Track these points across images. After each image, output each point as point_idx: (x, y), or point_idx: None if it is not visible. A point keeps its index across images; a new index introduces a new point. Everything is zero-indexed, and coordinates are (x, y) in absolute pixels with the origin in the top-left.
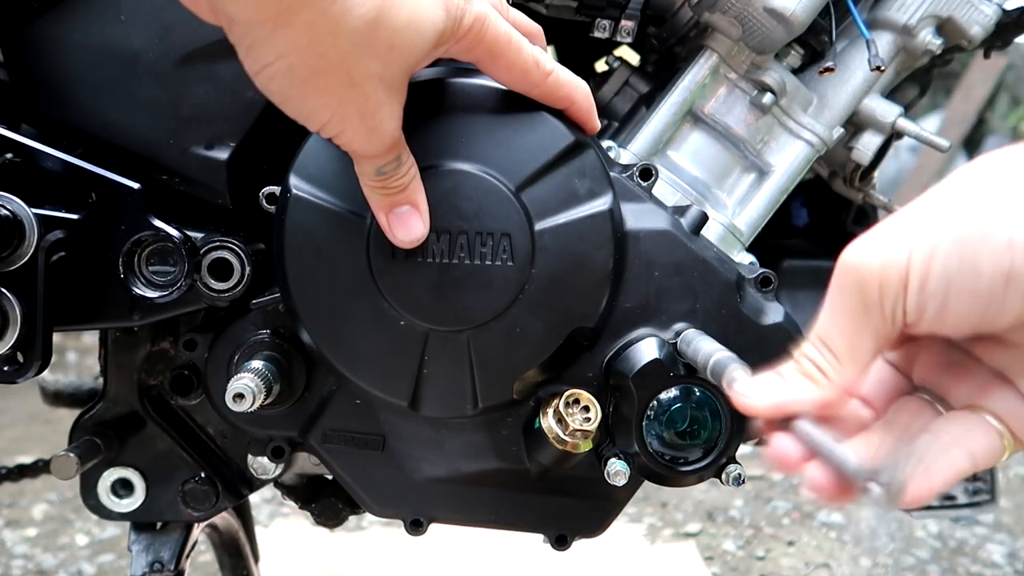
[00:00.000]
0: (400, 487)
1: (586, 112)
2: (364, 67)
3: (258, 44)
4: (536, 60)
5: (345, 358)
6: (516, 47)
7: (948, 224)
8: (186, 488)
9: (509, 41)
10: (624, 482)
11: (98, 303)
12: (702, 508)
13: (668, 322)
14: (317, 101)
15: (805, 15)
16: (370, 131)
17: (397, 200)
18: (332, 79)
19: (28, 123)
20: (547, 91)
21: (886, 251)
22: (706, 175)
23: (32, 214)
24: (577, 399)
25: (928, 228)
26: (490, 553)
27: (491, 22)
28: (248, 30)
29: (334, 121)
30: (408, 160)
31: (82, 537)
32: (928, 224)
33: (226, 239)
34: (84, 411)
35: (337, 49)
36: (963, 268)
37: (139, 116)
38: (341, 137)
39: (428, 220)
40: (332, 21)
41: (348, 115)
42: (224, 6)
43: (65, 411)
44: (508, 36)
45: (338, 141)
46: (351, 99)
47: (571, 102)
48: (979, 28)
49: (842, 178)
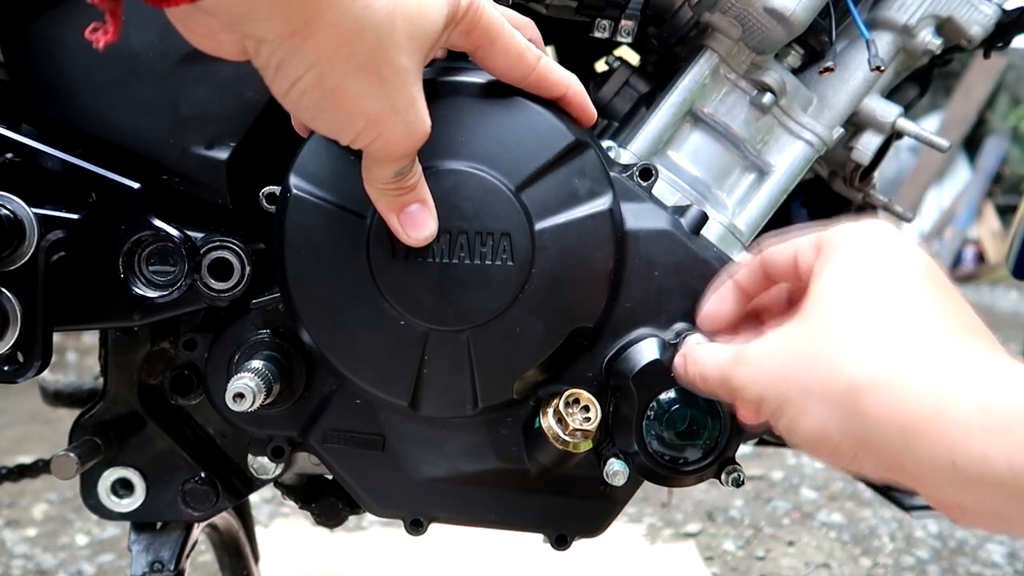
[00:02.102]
0: (400, 487)
1: (581, 99)
2: (392, 61)
3: (287, 59)
4: (528, 45)
5: (345, 358)
6: (510, 31)
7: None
8: (186, 488)
9: (503, 23)
10: (623, 482)
11: (98, 303)
12: (702, 508)
13: (668, 322)
14: (351, 107)
15: (805, 15)
16: (408, 128)
17: (407, 200)
18: (364, 79)
19: (28, 123)
20: (542, 75)
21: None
22: (706, 175)
23: (32, 214)
24: (577, 399)
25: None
26: (490, 553)
27: (485, 6)
28: (277, 47)
29: (370, 125)
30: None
31: (82, 537)
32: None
33: (226, 239)
34: (84, 411)
35: (364, 46)
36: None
37: (139, 116)
38: (378, 141)
39: (436, 215)
40: (355, 17)
41: (384, 115)
42: (253, 29)
43: (65, 411)
44: (501, 20)
45: (374, 146)
46: (385, 97)
47: (566, 87)
48: (979, 28)
49: (842, 178)
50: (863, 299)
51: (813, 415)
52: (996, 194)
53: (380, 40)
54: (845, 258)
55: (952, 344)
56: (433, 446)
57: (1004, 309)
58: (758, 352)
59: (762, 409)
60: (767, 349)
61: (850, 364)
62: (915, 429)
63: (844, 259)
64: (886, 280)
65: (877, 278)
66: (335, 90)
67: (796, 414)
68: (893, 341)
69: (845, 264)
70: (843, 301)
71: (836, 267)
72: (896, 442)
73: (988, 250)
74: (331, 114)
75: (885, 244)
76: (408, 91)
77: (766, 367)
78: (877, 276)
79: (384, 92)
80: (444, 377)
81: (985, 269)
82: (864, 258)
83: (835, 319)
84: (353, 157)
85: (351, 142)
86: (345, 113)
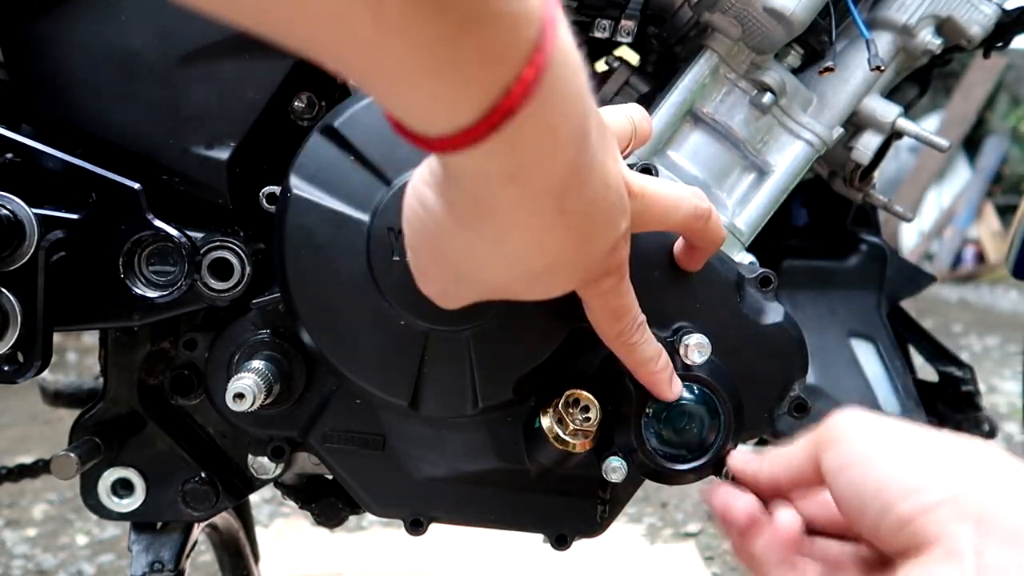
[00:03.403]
0: (400, 487)
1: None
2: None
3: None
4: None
5: (345, 358)
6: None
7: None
8: (186, 488)
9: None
10: (621, 479)
11: (98, 303)
12: (702, 508)
13: (668, 322)
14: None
15: (805, 15)
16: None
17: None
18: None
19: (28, 123)
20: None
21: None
22: (706, 175)
23: (32, 214)
24: (577, 399)
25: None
26: (490, 553)
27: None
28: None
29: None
30: None
31: (82, 537)
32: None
33: (226, 239)
34: (84, 411)
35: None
36: None
37: (139, 116)
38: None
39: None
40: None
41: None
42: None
43: (65, 411)
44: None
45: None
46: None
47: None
48: (979, 28)
49: (842, 178)
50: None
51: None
52: (996, 194)
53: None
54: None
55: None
56: (433, 446)
57: (1004, 309)
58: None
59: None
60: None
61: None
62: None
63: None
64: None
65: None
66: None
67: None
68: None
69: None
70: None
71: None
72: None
73: (988, 250)
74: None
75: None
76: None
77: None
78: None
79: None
80: (444, 377)
81: (985, 269)
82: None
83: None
84: (353, 157)
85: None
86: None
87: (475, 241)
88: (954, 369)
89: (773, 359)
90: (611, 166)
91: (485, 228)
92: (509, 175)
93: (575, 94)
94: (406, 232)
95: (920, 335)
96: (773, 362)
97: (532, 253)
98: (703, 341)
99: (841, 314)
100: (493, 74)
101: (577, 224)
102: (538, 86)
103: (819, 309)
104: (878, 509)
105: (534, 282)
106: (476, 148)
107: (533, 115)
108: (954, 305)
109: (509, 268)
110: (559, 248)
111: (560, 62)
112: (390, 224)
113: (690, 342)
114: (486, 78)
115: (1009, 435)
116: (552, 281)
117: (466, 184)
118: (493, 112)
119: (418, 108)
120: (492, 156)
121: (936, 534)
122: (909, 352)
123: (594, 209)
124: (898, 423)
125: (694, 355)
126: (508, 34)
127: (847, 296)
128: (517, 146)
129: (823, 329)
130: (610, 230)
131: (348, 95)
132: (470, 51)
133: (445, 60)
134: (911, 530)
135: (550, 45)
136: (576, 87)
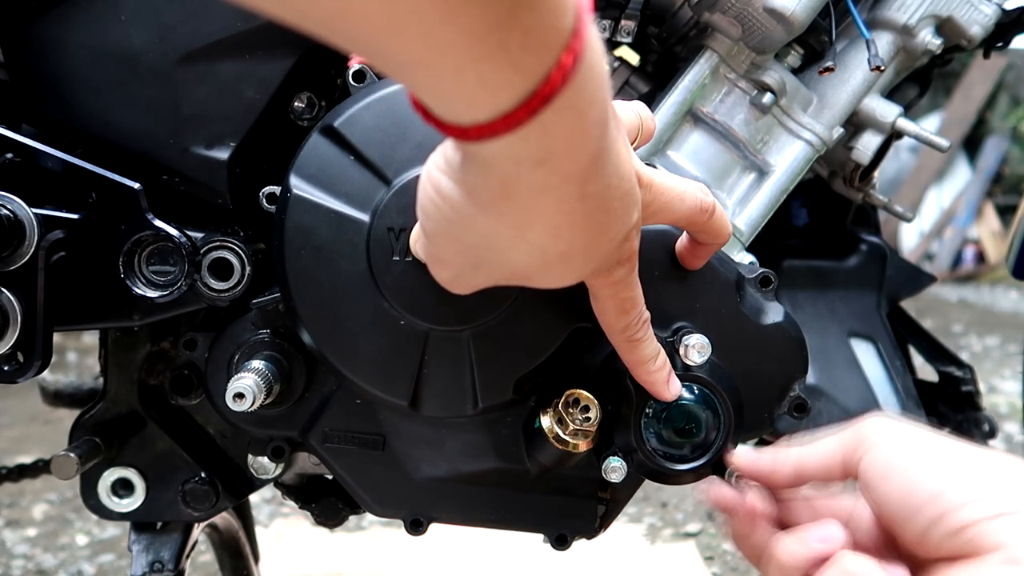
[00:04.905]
0: (400, 487)
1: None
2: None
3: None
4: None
5: (345, 358)
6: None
7: None
8: (186, 488)
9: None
10: (621, 478)
11: (98, 303)
12: (702, 508)
13: (668, 321)
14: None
15: (805, 15)
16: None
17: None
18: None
19: (28, 123)
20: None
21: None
22: (706, 175)
23: (32, 214)
24: (577, 399)
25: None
26: (490, 553)
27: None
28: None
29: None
30: None
31: (82, 537)
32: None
33: (226, 239)
34: (84, 411)
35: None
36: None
37: (139, 116)
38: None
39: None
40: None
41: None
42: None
43: (65, 411)
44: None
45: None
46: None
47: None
48: (979, 28)
49: (842, 178)
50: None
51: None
52: (996, 194)
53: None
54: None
55: None
56: (433, 446)
57: (1004, 309)
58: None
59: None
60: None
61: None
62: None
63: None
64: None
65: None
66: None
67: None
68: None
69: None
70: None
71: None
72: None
73: (988, 250)
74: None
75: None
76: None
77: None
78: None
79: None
80: (444, 377)
81: (985, 269)
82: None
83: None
84: (353, 157)
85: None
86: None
87: (499, 227)
88: (954, 369)
89: (773, 359)
90: (625, 156)
91: (511, 213)
92: (540, 160)
93: (600, 82)
94: (421, 219)
95: (920, 335)
96: (773, 362)
97: (550, 239)
98: (703, 341)
99: (841, 314)
100: (536, 61)
101: (595, 211)
102: (575, 73)
103: (819, 309)
104: (931, 516)
105: (549, 268)
106: (512, 134)
107: (567, 100)
108: (954, 305)
109: (531, 254)
110: (575, 234)
111: (590, 49)
112: (390, 224)
113: (690, 342)
114: (529, 65)
115: (1009, 435)
116: (566, 268)
117: (495, 170)
118: (533, 98)
119: (459, 95)
120: (526, 141)
121: (996, 542)
122: (909, 352)
123: (610, 195)
124: (929, 431)
125: (694, 355)
126: (551, 21)
127: (847, 296)
128: (550, 131)
129: (823, 329)
130: (625, 218)
131: (348, 95)
132: (517, 37)
133: (494, 46)
134: (966, 537)
135: (585, 32)
136: (601, 75)
